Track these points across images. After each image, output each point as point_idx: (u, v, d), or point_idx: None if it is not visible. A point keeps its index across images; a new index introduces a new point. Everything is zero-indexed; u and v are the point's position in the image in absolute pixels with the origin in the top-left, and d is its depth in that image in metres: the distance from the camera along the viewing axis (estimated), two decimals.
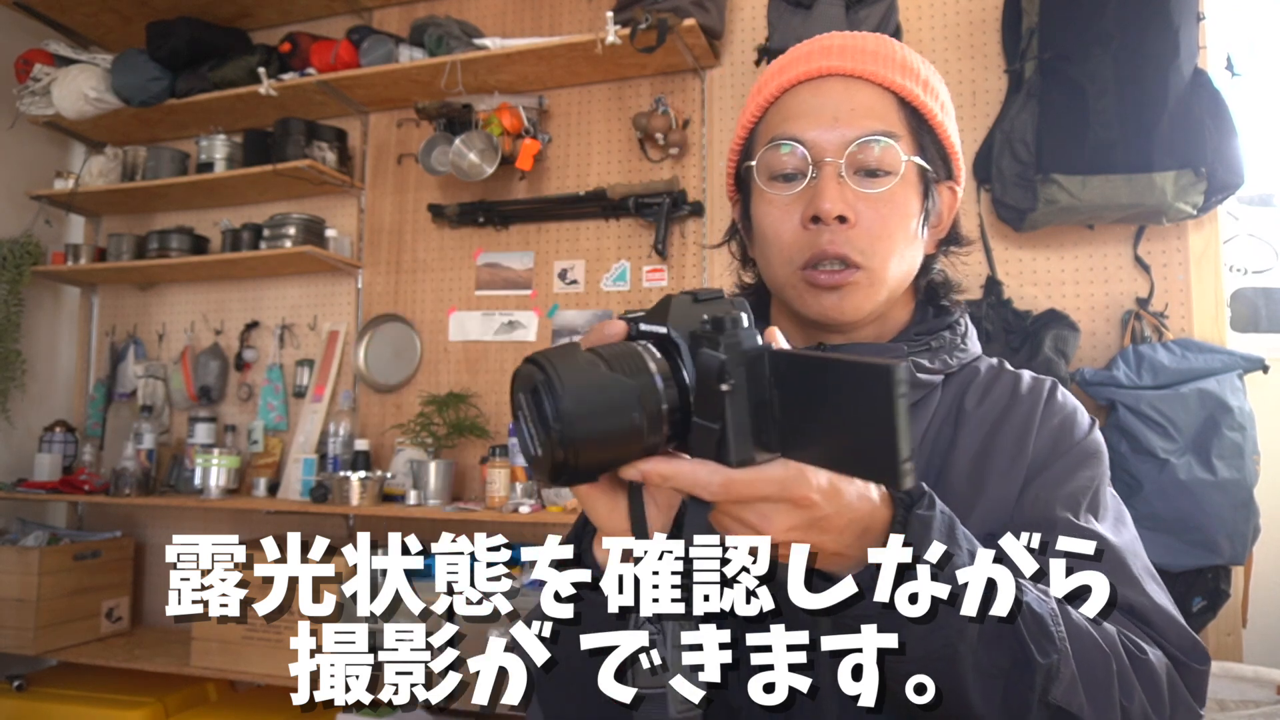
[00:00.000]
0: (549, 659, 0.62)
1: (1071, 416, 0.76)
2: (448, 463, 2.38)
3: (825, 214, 0.71)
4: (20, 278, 2.81)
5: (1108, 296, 2.06)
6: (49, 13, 2.86)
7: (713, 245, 1.08)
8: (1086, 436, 0.75)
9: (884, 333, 0.79)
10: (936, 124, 0.77)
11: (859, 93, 0.75)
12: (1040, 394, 0.77)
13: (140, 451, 2.68)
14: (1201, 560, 1.76)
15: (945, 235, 0.82)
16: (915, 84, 0.76)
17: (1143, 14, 1.86)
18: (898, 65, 0.76)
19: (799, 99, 0.76)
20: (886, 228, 0.73)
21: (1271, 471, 1.86)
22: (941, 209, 0.80)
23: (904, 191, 0.74)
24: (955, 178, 0.81)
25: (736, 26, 2.45)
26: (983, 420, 0.75)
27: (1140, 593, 0.67)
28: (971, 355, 0.80)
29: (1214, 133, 1.84)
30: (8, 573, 2.46)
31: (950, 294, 0.83)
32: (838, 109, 0.74)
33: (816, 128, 0.74)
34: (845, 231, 0.72)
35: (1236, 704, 1.62)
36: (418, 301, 2.72)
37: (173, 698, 2.43)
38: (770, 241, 0.77)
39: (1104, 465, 0.75)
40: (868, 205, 0.73)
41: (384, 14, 2.86)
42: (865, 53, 0.76)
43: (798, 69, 0.77)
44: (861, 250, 0.72)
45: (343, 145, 2.75)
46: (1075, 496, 0.71)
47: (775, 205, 0.76)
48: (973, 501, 0.71)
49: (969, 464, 0.73)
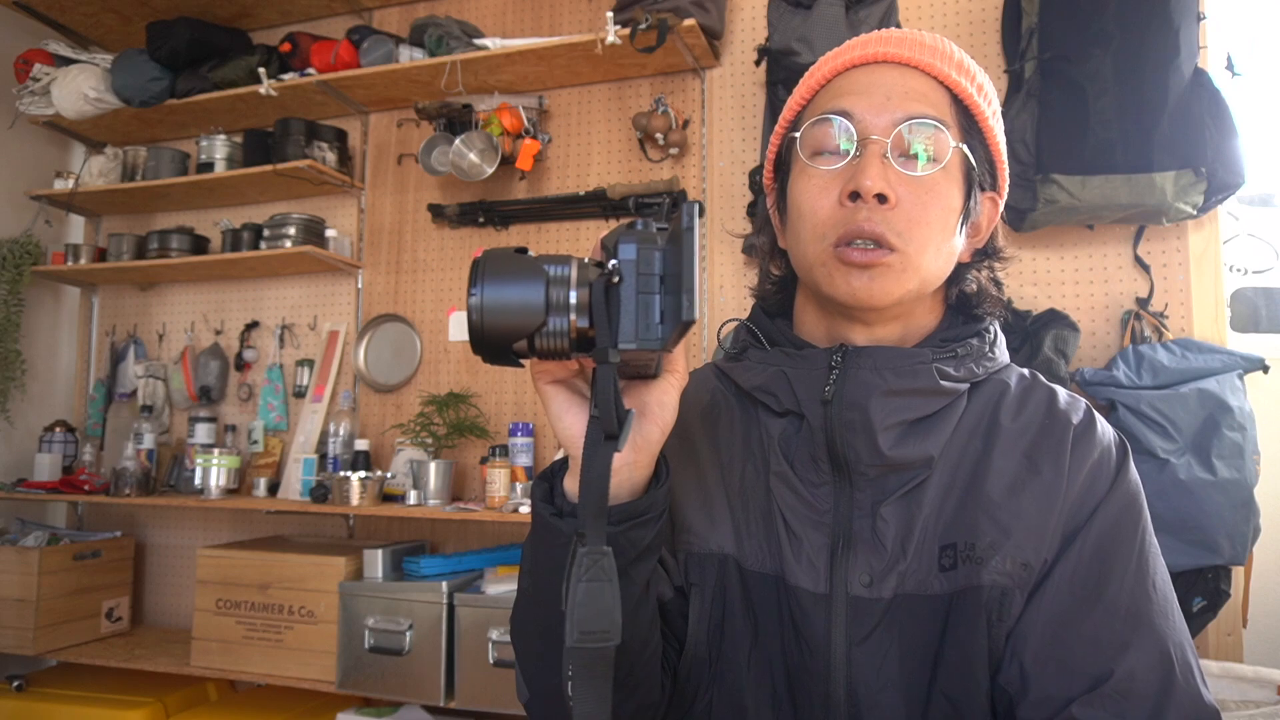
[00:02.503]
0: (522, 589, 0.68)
1: (1108, 452, 0.75)
2: (448, 463, 2.38)
3: (865, 190, 0.69)
4: (20, 278, 2.81)
5: (1108, 296, 2.06)
6: (49, 13, 2.86)
7: (740, 234, 1.08)
8: (1124, 478, 0.73)
9: (909, 335, 0.78)
10: (986, 127, 0.76)
11: (913, 79, 0.74)
12: (1074, 419, 0.75)
13: (140, 451, 2.68)
14: (1201, 560, 1.76)
15: (983, 246, 0.80)
16: (970, 84, 0.75)
17: (1143, 14, 1.86)
18: (954, 62, 0.75)
19: (852, 79, 0.76)
20: (926, 213, 0.71)
21: (1271, 471, 1.87)
22: (981, 217, 0.78)
23: (947, 182, 0.73)
24: (999, 189, 0.79)
25: (736, 26, 2.45)
26: (1017, 439, 0.74)
27: (1172, 686, 0.65)
28: (999, 364, 0.78)
29: (1214, 133, 1.83)
30: (8, 573, 2.46)
31: (984, 303, 0.81)
32: (890, 90, 0.73)
33: (866, 105, 0.73)
34: (884, 211, 0.70)
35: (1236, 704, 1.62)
36: (418, 301, 2.72)
37: (173, 698, 2.43)
38: (805, 216, 0.75)
39: (1144, 511, 0.73)
40: (909, 189, 0.71)
41: (384, 14, 2.86)
42: (924, 45, 0.76)
43: (854, 53, 0.77)
44: (899, 232, 0.70)
45: (343, 145, 2.75)
46: (1121, 563, 0.69)
47: (815, 180, 0.74)
48: (1008, 527, 0.70)
49: (1005, 488, 0.72)
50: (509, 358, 0.56)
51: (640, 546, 0.63)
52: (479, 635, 2.10)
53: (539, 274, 0.53)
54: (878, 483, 0.73)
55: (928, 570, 0.71)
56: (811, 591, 0.72)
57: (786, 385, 0.76)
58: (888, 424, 0.71)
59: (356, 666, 2.19)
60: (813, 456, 0.74)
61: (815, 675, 0.71)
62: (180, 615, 2.83)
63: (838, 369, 0.74)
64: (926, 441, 0.72)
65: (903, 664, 0.70)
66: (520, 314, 0.53)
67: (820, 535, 0.73)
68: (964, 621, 0.69)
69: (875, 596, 0.71)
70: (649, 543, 0.63)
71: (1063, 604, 0.68)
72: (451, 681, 2.13)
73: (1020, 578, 0.69)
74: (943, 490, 0.73)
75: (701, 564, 0.76)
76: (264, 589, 2.33)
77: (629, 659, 0.67)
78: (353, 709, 2.30)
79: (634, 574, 0.63)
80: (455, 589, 2.16)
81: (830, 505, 0.74)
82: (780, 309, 0.86)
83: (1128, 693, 0.64)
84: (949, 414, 0.74)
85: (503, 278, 0.53)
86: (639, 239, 0.54)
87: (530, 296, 0.53)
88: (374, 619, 2.18)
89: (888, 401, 0.72)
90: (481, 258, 0.54)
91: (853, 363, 0.73)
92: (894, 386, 0.72)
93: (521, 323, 0.53)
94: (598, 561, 0.55)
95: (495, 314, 0.53)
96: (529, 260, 0.54)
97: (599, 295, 0.53)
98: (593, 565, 0.55)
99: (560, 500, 0.64)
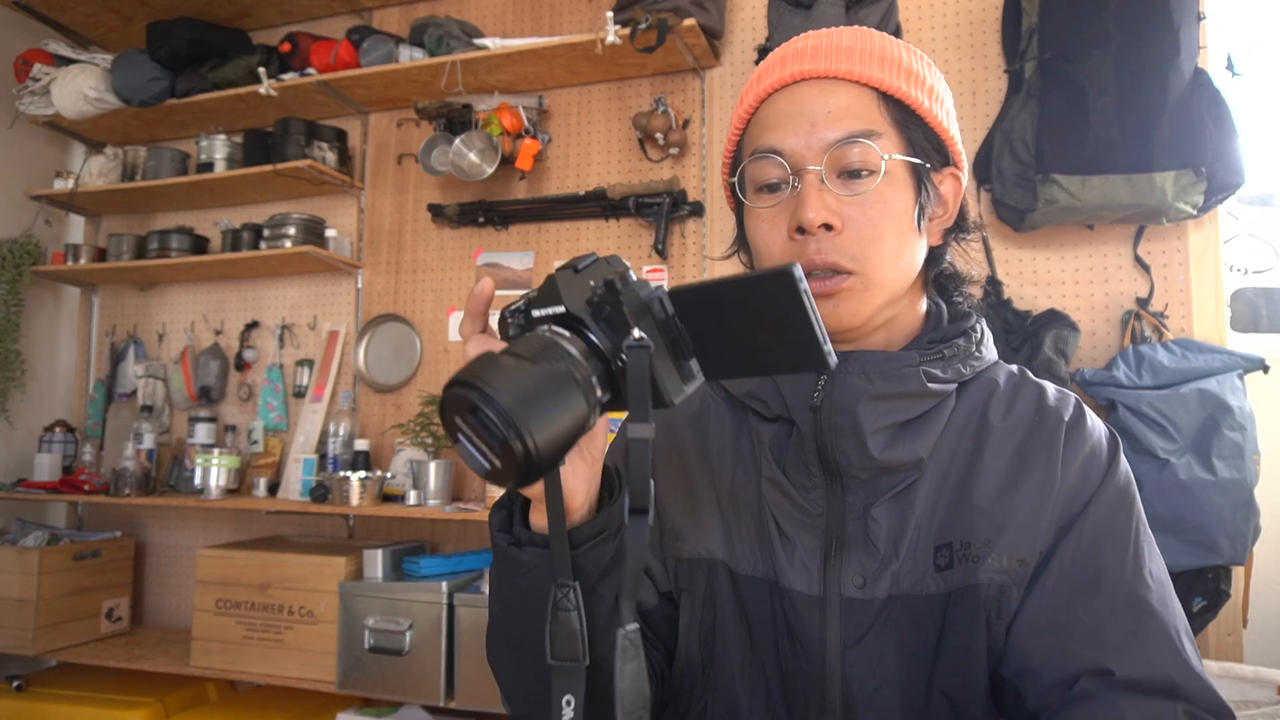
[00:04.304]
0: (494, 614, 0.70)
1: (1099, 445, 0.74)
2: (448, 463, 2.38)
3: (809, 224, 0.70)
4: (20, 278, 2.81)
5: (1108, 296, 2.06)
6: (49, 13, 2.86)
7: (720, 257, 1.08)
8: (1116, 470, 0.73)
9: (894, 339, 0.78)
10: (924, 112, 0.74)
11: (835, 94, 0.73)
12: (1064, 415, 0.75)
13: (140, 451, 2.68)
14: (1201, 560, 1.76)
15: (952, 224, 0.80)
16: (896, 76, 0.74)
17: (1143, 14, 1.86)
18: (875, 59, 0.74)
19: (776, 108, 0.75)
20: (876, 229, 0.71)
21: (1271, 471, 1.87)
22: (945, 197, 0.78)
23: (891, 189, 0.72)
24: (956, 164, 0.78)
25: (736, 26, 2.45)
26: (1008, 437, 0.74)
27: (1184, 667, 0.66)
28: (987, 362, 0.78)
29: (1214, 133, 1.83)
30: (8, 573, 2.46)
31: (962, 286, 0.81)
32: (814, 114, 0.72)
33: (793, 135, 0.72)
34: (832, 239, 0.71)
35: (1237, 704, 1.62)
36: (418, 301, 2.72)
37: (173, 698, 2.43)
38: (762, 254, 0.76)
39: (1136, 502, 0.73)
40: (854, 208, 0.71)
41: (384, 14, 2.86)
42: (839, 51, 0.74)
43: (772, 77, 0.76)
44: (851, 256, 0.71)
45: (343, 145, 2.75)
46: (1118, 552, 0.70)
47: (762, 218, 0.75)
48: (1003, 525, 0.70)
49: (998, 486, 0.72)
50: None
51: (603, 564, 0.63)
52: (479, 635, 2.10)
53: (569, 383, 0.50)
54: (869, 485, 0.73)
55: (923, 570, 0.71)
56: (805, 594, 0.72)
57: (775, 391, 0.77)
58: (877, 427, 0.72)
59: (356, 666, 2.19)
60: (804, 461, 0.75)
61: (810, 677, 0.72)
62: (180, 615, 2.83)
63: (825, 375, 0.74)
64: (916, 443, 0.73)
65: (900, 664, 0.70)
66: (574, 434, 0.50)
67: (813, 538, 0.74)
68: (962, 620, 0.69)
69: (869, 597, 0.71)
70: (611, 557, 0.63)
71: (1062, 594, 0.69)
72: (451, 681, 2.13)
73: (1017, 574, 0.70)
74: (935, 490, 0.73)
75: (691, 569, 0.77)
76: (264, 589, 2.33)
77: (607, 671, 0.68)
78: (353, 709, 2.30)
79: (602, 590, 0.63)
80: (455, 589, 2.16)
81: (822, 508, 0.74)
82: None
83: (1140, 682, 0.65)
84: (938, 415, 0.74)
85: (527, 396, 0.47)
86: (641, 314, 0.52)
87: (576, 412, 0.50)
88: (374, 619, 2.18)
89: (876, 405, 0.72)
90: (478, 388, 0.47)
91: (840, 368, 0.73)
92: (881, 390, 0.72)
93: (572, 432, 0.50)
94: (567, 594, 0.57)
95: (552, 448, 0.48)
96: (544, 372, 0.49)
97: (636, 371, 0.51)
98: (562, 598, 0.57)
99: (519, 530, 0.65)
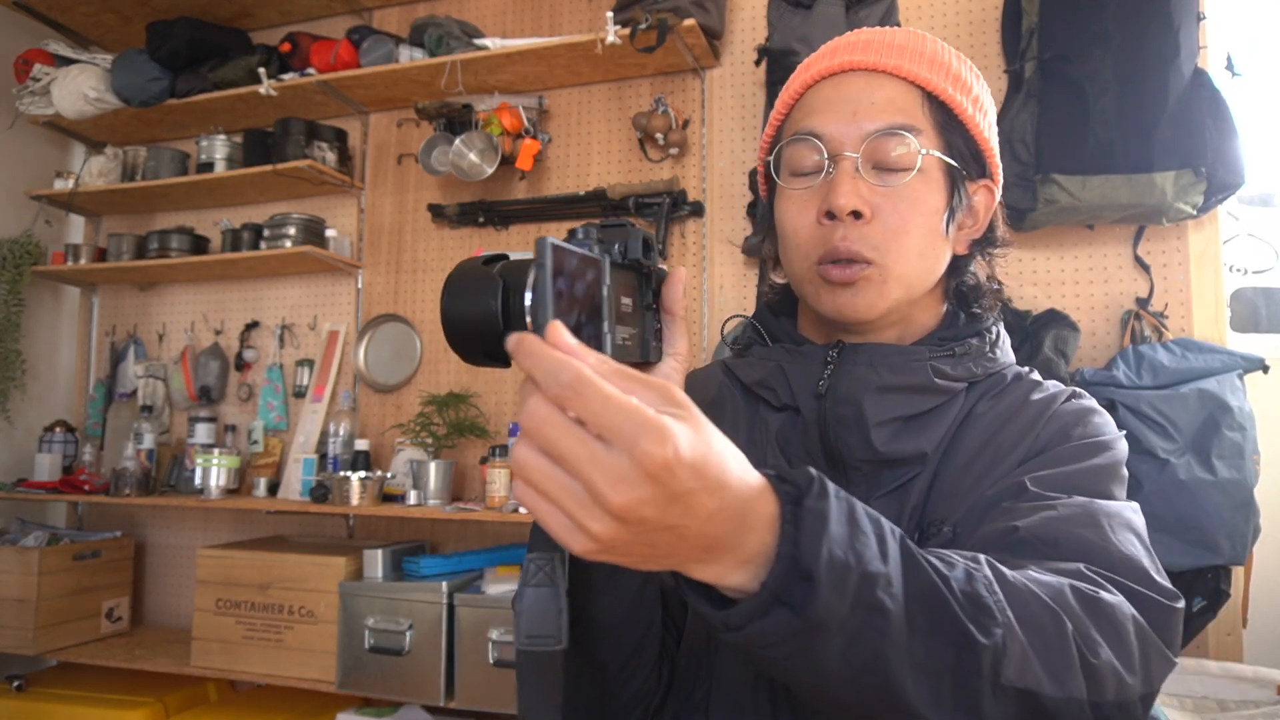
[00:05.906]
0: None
1: (1087, 415, 0.72)
2: (448, 463, 2.38)
3: (839, 209, 0.70)
4: (20, 278, 2.80)
5: (1108, 296, 2.06)
6: (49, 13, 2.85)
7: (746, 243, 1.08)
8: (1099, 433, 0.70)
9: (907, 336, 0.78)
10: (966, 118, 0.75)
11: (881, 87, 0.74)
12: (1057, 397, 0.74)
13: (140, 451, 2.68)
14: (1201, 560, 1.76)
15: (981, 236, 0.80)
16: (943, 78, 0.75)
17: (1143, 14, 1.86)
18: (925, 60, 0.75)
19: (821, 94, 0.76)
20: (904, 223, 0.72)
21: (1271, 471, 1.86)
22: (976, 208, 0.78)
23: (924, 187, 0.73)
24: (991, 176, 0.79)
25: (736, 26, 2.45)
26: (989, 422, 0.73)
27: (1102, 536, 0.59)
28: (1000, 364, 0.78)
29: (1214, 133, 1.83)
30: (8, 573, 2.46)
31: (982, 299, 0.80)
32: (857, 103, 0.73)
33: (835, 122, 0.73)
34: (860, 227, 0.71)
35: (1236, 704, 1.62)
36: (418, 301, 2.72)
37: (173, 698, 2.43)
38: (788, 236, 0.76)
39: (1113, 458, 0.69)
40: (885, 200, 0.72)
41: (384, 14, 2.86)
42: (891, 47, 0.75)
43: (821, 64, 0.77)
44: (875, 246, 0.71)
45: (343, 145, 2.75)
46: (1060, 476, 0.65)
47: (794, 201, 0.76)
48: (969, 500, 0.69)
49: (965, 461, 0.71)
50: (488, 361, 0.58)
51: None
52: (479, 635, 2.10)
53: (493, 284, 0.57)
54: (871, 478, 0.73)
55: None
56: None
57: (784, 379, 0.77)
58: (881, 419, 0.72)
59: (356, 666, 2.19)
60: (807, 450, 0.75)
61: None
62: (180, 615, 2.82)
63: (833, 364, 0.75)
64: (920, 438, 0.73)
65: None
66: (481, 325, 0.57)
67: None
68: None
69: None
70: None
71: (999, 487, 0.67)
72: (451, 681, 2.13)
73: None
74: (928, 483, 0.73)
75: None
76: (264, 589, 2.32)
77: (630, 643, 0.68)
78: (353, 709, 2.30)
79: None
80: (455, 589, 2.16)
81: None
82: (785, 308, 0.87)
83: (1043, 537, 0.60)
84: (945, 412, 0.74)
85: (459, 291, 0.58)
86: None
87: (485, 308, 0.57)
88: (374, 619, 2.18)
89: (882, 397, 0.72)
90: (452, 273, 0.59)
91: (848, 358, 0.74)
92: (888, 382, 0.72)
93: (484, 332, 0.57)
94: (542, 568, 0.56)
95: (457, 326, 0.58)
96: (487, 273, 0.58)
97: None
98: (537, 571, 0.56)
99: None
